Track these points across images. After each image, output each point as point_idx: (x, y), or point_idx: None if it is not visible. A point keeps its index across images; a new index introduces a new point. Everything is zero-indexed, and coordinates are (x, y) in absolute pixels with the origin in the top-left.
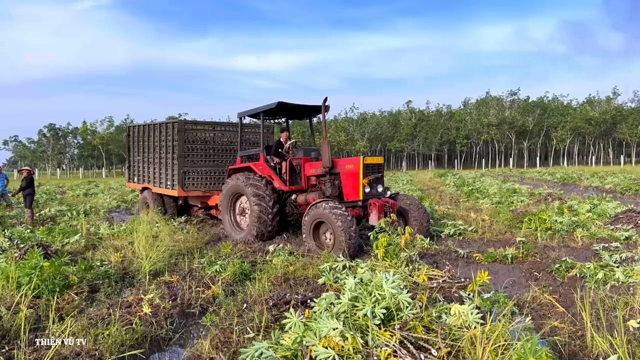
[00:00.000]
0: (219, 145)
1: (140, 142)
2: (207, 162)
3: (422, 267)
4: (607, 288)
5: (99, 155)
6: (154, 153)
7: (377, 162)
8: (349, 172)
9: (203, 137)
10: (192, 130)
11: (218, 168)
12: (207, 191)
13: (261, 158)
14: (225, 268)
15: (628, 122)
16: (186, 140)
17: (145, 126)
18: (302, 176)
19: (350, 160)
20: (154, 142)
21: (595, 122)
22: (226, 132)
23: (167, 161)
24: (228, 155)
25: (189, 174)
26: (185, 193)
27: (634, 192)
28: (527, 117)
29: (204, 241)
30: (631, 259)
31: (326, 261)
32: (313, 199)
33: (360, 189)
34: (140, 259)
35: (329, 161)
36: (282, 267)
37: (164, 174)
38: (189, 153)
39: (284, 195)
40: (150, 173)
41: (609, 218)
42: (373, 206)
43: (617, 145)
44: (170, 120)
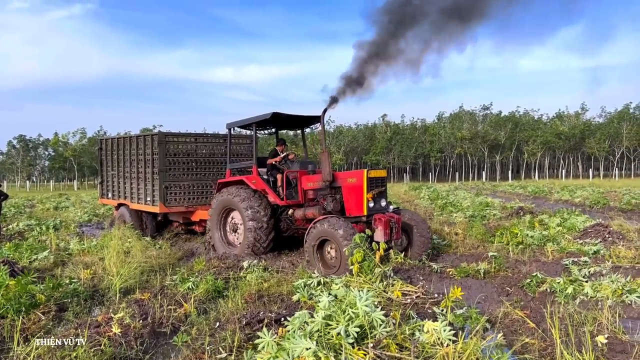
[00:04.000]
0: (202, 158)
1: (114, 156)
2: (189, 175)
3: (397, 282)
4: (576, 303)
5: (71, 167)
6: (130, 167)
7: (380, 176)
8: (352, 185)
9: (185, 150)
10: (173, 142)
11: (201, 182)
12: (190, 206)
13: (254, 171)
14: (198, 285)
15: (596, 137)
16: (167, 154)
17: (120, 139)
18: (299, 190)
19: (353, 173)
20: (131, 155)
21: (564, 137)
22: (209, 144)
23: (146, 176)
24: (211, 168)
25: (170, 189)
26: (168, 209)
27: (602, 205)
28: (499, 132)
29: (177, 257)
30: (599, 274)
31: (300, 277)
32: (313, 215)
33: (365, 203)
34: (110, 276)
35: (330, 174)
36: (256, 284)
37: (142, 189)
38: (170, 167)
39: (279, 210)
40: (127, 188)
41: (578, 232)
42: (378, 222)
43: (586, 159)
44: (147, 132)
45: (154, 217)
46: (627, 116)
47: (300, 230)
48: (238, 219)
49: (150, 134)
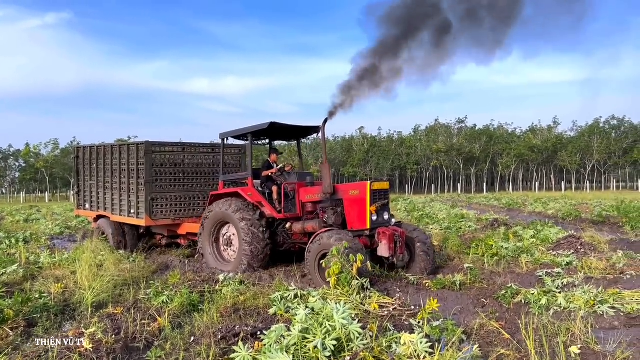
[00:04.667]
0: (189, 168)
1: (93, 165)
2: (176, 187)
3: (374, 295)
4: (550, 314)
5: (42, 178)
6: (112, 177)
7: (383, 188)
8: (354, 198)
9: (172, 160)
10: (160, 152)
11: (189, 193)
12: (177, 219)
13: (249, 183)
14: (173, 299)
15: (568, 150)
16: (154, 164)
17: (100, 147)
18: (297, 203)
19: (355, 185)
20: (112, 165)
21: (537, 150)
22: (196, 154)
23: (129, 186)
24: (199, 179)
25: (157, 201)
26: (154, 222)
27: (574, 217)
28: (474, 144)
29: (151, 270)
30: (572, 285)
31: (277, 290)
32: (312, 228)
33: (368, 216)
34: (82, 290)
35: (331, 186)
36: (232, 297)
37: (125, 200)
38: (157, 177)
39: (275, 224)
40: (107, 199)
41: (552, 243)
42: (382, 236)
43: (559, 172)
44: (132, 141)
45: (136, 229)
46: (597, 130)
47: (298, 244)
48: (232, 233)
49: (135, 143)
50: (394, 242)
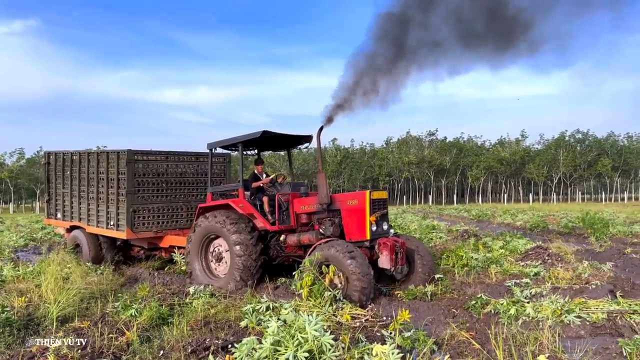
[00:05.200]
0: (173, 178)
1: (66, 173)
2: (159, 198)
3: (346, 306)
4: (519, 323)
5: (7, 189)
6: (88, 186)
7: (382, 197)
8: (352, 208)
9: (155, 170)
10: (142, 161)
11: (172, 204)
12: (160, 231)
13: (240, 194)
14: (142, 312)
15: (535, 163)
16: (136, 173)
17: (75, 154)
18: (291, 214)
19: (353, 195)
20: (89, 173)
21: (506, 162)
22: (180, 163)
23: (108, 197)
24: (182, 190)
25: (139, 213)
26: (136, 235)
27: (541, 228)
28: (445, 157)
29: (120, 283)
30: (540, 295)
31: (249, 302)
32: (309, 240)
33: (367, 227)
34: (47, 304)
35: (327, 196)
36: (202, 310)
37: (103, 211)
38: (139, 188)
39: (268, 236)
40: (83, 209)
41: (520, 254)
42: (383, 247)
43: (526, 184)
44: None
45: (113, 241)
46: (563, 143)
47: (292, 257)
48: (223, 247)
49: (116, 151)
50: (395, 253)
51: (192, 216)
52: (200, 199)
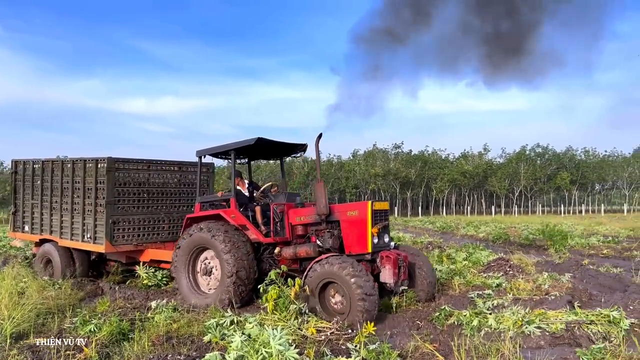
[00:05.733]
0: (155, 188)
1: (36, 182)
2: (140, 209)
3: (312, 319)
4: (481, 335)
5: None
6: (62, 197)
7: (384, 208)
8: (353, 219)
9: (136, 179)
10: (123, 170)
11: (153, 216)
12: (140, 244)
13: (232, 204)
14: (101, 327)
15: (497, 176)
16: (116, 183)
17: (47, 163)
18: (286, 225)
19: (354, 205)
20: (63, 183)
21: (469, 175)
22: (162, 173)
23: (85, 207)
24: (164, 200)
25: (119, 224)
26: (115, 248)
27: (503, 240)
28: (410, 169)
29: (79, 298)
30: (502, 306)
31: (213, 317)
32: (306, 253)
33: (369, 239)
34: (1, 320)
35: (326, 207)
36: (164, 325)
37: (79, 223)
38: (119, 198)
39: (261, 249)
40: (55, 222)
41: (483, 266)
42: (386, 260)
43: (489, 196)
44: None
45: (87, 255)
46: (524, 157)
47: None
48: (213, 261)
49: (95, 159)
50: (398, 267)
51: (174, 228)
52: (183, 211)
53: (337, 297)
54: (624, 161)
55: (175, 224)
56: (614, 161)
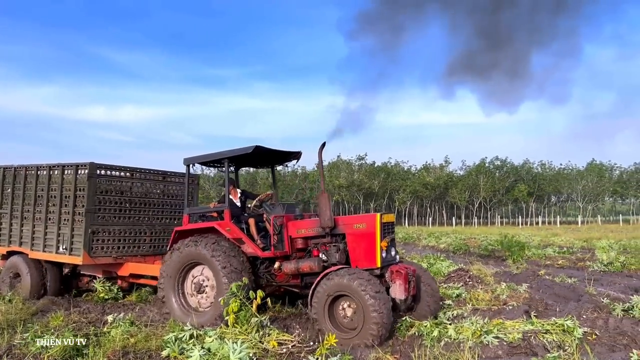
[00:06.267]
0: (137, 198)
1: (7, 190)
2: (121, 219)
3: (273, 332)
4: (441, 345)
5: None
6: (35, 205)
7: (391, 221)
8: (360, 232)
9: (118, 187)
10: (106, 177)
11: (135, 227)
12: (120, 257)
13: (226, 216)
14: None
15: (458, 188)
16: (97, 191)
17: (20, 169)
18: (285, 238)
19: (361, 218)
20: (37, 190)
21: (431, 187)
22: (145, 182)
23: (60, 217)
24: (146, 211)
25: (98, 235)
26: (93, 260)
27: (463, 251)
28: (373, 181)
29: (31, 312)
30: (461, 316)
31: (171, 331)
32: (310, 268)
33: (378, 253)
34: None
35: (331, 219)
36: (121, 340)
37: (53, 234)
38: (100, 207)
39: (257, 264)
40: (26, 232)
41: (443, 276)
42: (396, 275)
43: (450, 207)
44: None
45: (60, 269)
46: (483, 170)
47: (284, 286)
48: (205, 277)
49: (74, 164)
50: (408, 282)
51: (156, 241)
52: (165, 223)
53: (349, 312)
54: (578, 174)
55: (158, 237)
56: (569, 174)
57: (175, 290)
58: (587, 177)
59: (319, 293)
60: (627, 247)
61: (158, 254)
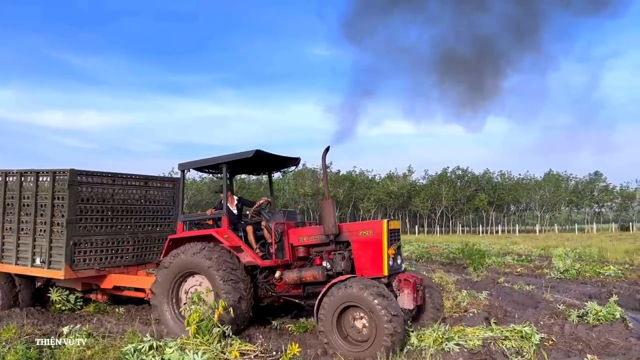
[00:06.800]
0: (119, 205)
1: None
2: (104, 228)
3: (235, 342)
4: (403, 352)
5: None
6: (4, 215)
7: (397, 228)
8: (366, 240)
9: (100, 194)
10: (87, 184)
11: (117, 236)
12: (103, 269)
13: (224, 223)
14: (5, 356)
15: (420, 197)
16: (78, 199)
17: None
18: (286, 246)
19: (367, 224)
20: (7, 198)
21: (394, 196)
22: (127, 188)
23: (35, 227)
24: (129, 219)
25: (80, 246)
26: (76, 274)
27: (426, 259)
28: (338, 189)
29: None
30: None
31: (130, 342)
32: (314, 277)
33: (385, 261)
34: None
35: (335, 227)
36: (77, 352)
37: (27, 245)
38: (81, 216)
39: (255, 273)
40: None
41: None
42: (404, 284)
43: (413, 216)
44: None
45: (32, 283)
46: (445, 179)
47: (284, 297)
48: (202, 287)
49: (51, 171)
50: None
51: (139, 250)
52: (148, 231)
53: (358, 323)
54: (536, 184)
55: (140, 246)
56: (527, 184)
57: (168, 302)
58: (544, 187)
59: (327, 305)
60: (582, 255)
61: (141, 264)
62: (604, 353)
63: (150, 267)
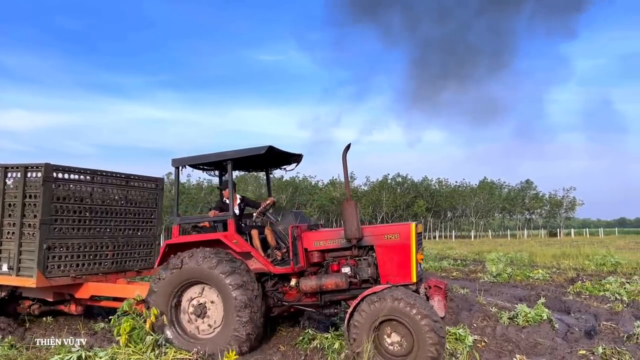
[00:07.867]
0: (98, 206)
1: None
2: (81, 231)
3: (170, 350)
4: (342, 357)
5: None
6: None
7: (421, 231)
8: (392, 244)
9: (78, 193)
10: (63, 181)
11: (96, 240)
12: (79, 276)
13: (230, 227)
14: None
15: (362, 202)
16: (53, 197)
17: None
18: (299, 251)
19: (393, 227)
20: None
21: (337, 201)
22: (107, 187)
23: (1, 229)
24: (108, 221)
25: (54, 251)
26: (49, 282)
27: None
28: (282, 195)
29: None
30: None
31: (57, 353)
32: (336, 285)
33: (413, 267)
34: None
35: (359, 230)
36: None
37: None
38: (56, 217)
39: (264, 280)
40: None
41: None
42: (435, 291)
43: None
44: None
45: None
46: (386, 185)
47: (296, 306)
48: (208, 298)
49: (22, 166)
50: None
51: (119, 256)
52: (129, 234)
53: (395, 337)
54: (472, 191)
55: (121, 251)
56: (463, 191)
57: (168, 314)
58: (479, 194)
59: (359, 323)
60: (513, 259)
61: (120, 271)
62: (532, 353)
63: (131, 275)
